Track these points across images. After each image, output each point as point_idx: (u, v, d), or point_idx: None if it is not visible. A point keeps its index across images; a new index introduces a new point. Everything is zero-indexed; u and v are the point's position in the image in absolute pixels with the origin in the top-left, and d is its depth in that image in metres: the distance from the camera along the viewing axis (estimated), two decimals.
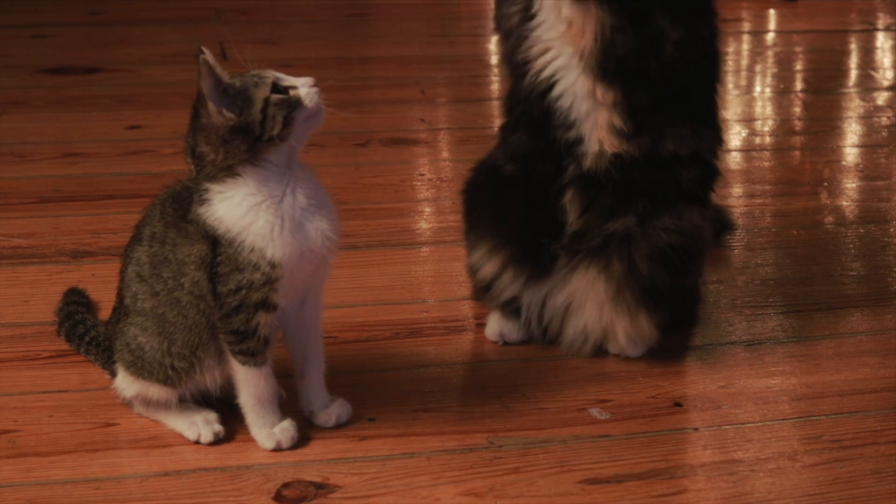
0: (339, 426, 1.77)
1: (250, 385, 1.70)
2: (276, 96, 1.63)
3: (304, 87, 1.65)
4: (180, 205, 1.69)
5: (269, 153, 1.64)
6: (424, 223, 2.61)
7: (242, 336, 1.67)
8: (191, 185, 1.69)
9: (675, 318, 2.03)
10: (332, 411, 1.78)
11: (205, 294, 1.66)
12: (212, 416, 1.75)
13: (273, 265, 1.63)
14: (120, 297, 1.75)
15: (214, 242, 1.64)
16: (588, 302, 1.97)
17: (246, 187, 1.64)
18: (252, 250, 1.63)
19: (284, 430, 1.72)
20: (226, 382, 1.74)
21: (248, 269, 1.63)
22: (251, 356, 1.68)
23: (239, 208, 1.64)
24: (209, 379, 1.73)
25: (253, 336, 1.67)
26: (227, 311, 1.65)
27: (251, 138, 1.62)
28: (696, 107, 1.97)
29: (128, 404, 1.79)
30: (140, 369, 1.72)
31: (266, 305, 1.66)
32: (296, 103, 1.64)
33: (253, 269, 1.63)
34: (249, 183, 1.64)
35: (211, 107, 1.62)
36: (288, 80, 1.66)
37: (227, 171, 1.64)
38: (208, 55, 1.60)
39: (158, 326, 1.70)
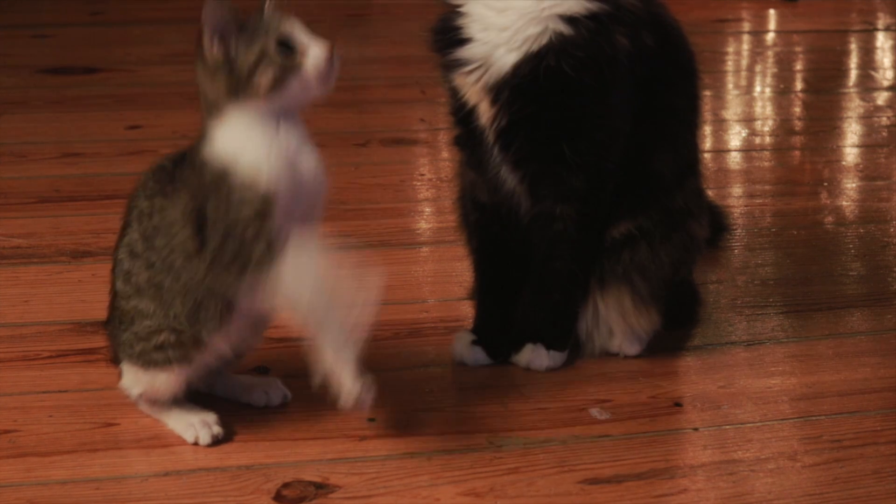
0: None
1: (307, 276, 1.60)
2: (276, 52, 1.57)
3: (315, 52, 1.59)
4: (161, 176, 1.67)
5: (254, 105, 1.59)
6: (424, 223, 2.61)
7: (264, 257, 1.59)
8: (171, 156, 1.68)
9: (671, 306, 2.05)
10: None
11: (191, 253, 1.62)
12: (210, 417, 1.75)
13: (269, 192, 1.58)
14: (113, 290, 1.74)
15: (204, 183, 1.60)
16: (612, 316, 1.98)
17: (240, 123, 1.60)
18: (248, 179, 1.58)
19: None
20: (238, 343, 1.71)
21: (246, 199, 1.58)
22: (272, 258, 1.59)
23: (237, 138, 1.60)
24: (218, 343, 1.69)
25: (270, 250, 1.59)
26: (244, 255, 1.59)
27: (234, 83, 1.58)
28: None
29: (134, 402, 1.78)
30: (147, 359, 1.69)
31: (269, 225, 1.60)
32: (293, 68, 1.58)
33: (248, 204, 1.58)
34: (242, 118, 1.60)
35: (205, 38, 1.57)
36: (303, 39, 1.59)
37: (216, 109, 1.60)
38: None
39: (157, 297, 1.66)
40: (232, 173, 1.59)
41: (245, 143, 1.60)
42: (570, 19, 1.79)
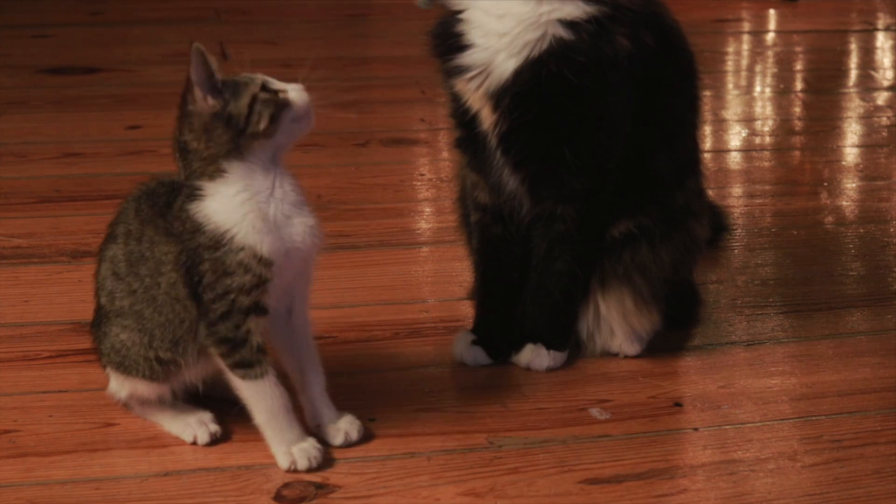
0: (349, 445, 1.73)
1: (257, 400, 1.66)
2: (264, 94, 1.62)
3: (294, 91, 1.64)
4: (155, 202, 1.67)
5: (253, 150, 1.63)
6: (424, 223, 2.61)
7: (233, 345, 1.63)
8: (167, 181, 1.69)
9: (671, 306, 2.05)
10: (340, 427, 1.73)
11: (181, 298, 1.64)
12: (207, 416, 1.75)
13: (265, 263, 1.61)
14: (97, 298, 1.74)
15: (194, 246, 1.62)
16: (613, 316, 1.98)
17: (233, 185, 1.62)
18: (242, 250, 1.60)
19: (302, 449, 1.67)
20: (211, 376, 1.72)
21: (238, 271, 1.61)
22: (248, 367, 1.64)
23: (228, 204, 1.62)
24: (193, 374, 1.71)
25: (244, 344, 1.63)
26: (214, 318, 1.62)
27: (234, 130, 1.61)
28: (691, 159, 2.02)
29: (126, 406, 1.79)
30: (128, 368, 1.71)
31: (257, 309, 1.63)
32: (284, 103, 1.63)
33: (244, 271, 1.61)
34: (236, 179, 1.62)
35: (197, 92, 1.61)
36: (278, 84, 1.65)
37: (213, 166, 1.62)
38: (201, 46, 1.60)
39: (137, 323, 1.68)
40: (229, 240, 1.61)
41: (241, 209, 1.62)
42: (570, 24, 1.79)
